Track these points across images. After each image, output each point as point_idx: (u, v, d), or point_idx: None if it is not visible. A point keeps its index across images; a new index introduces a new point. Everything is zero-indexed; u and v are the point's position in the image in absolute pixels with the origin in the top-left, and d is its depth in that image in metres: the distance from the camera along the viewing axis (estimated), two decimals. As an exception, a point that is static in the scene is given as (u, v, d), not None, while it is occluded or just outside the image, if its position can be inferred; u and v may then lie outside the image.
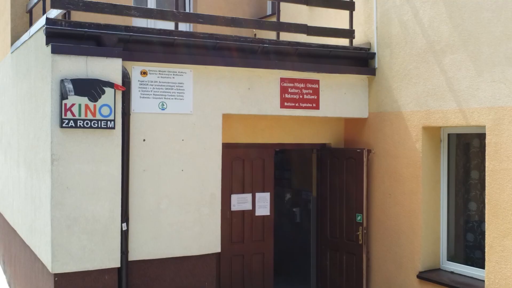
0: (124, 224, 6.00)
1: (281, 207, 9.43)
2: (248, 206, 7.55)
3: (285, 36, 7.93)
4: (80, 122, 5.66)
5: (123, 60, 5.98)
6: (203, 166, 6.54)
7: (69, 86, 5.59)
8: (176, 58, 6.36)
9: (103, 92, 5.75)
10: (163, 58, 6.30)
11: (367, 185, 7.48)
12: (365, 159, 7.43)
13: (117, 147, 5.91)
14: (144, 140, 6.21)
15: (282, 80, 7.03)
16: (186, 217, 6.43)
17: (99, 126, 5.74)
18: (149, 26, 8.01)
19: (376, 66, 7.46)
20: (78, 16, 7.91)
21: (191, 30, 9.54)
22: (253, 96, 6.84)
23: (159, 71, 6.32)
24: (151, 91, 6.27)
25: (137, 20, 9.02)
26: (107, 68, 5.84)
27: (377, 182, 7.43)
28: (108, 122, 5.78)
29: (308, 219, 8.79)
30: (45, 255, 5.96)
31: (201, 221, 6.51)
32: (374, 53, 7.46)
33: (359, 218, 7.48)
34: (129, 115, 6.06)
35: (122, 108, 5.97)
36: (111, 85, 5.80)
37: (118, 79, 5.88)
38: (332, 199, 7.91)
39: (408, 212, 6.95)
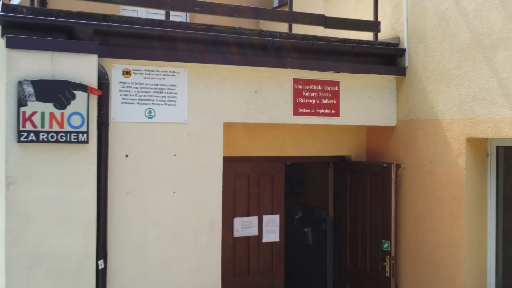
0: (102, 262, 4.81)
1: (291, 226, 8.23)
2: (254, 231, 6.36)
3: (297, 30, 6.75)
4: (43, 136, 4.46)
5: (100, 56, 4.80)
6: (201, 186, 5.36)
7: (29, 89, 4.39)
8: (167, 54, 5.17)
9: (74, 97, 4.55)
10: (150, 54, 5.11)
11: (395, 206, 6.28)
12: (393, 176, 6.24)
13: (92, 165, 4.71)
14: (127, 156, 5.02)
15: (296, 81, 5.84)
16: (179, 250, 5.24)
17: (69, 139, 4.54)
18: (139, 16, 6.80)
19: (407, 64, 6.27)
20: (58, 6, 6.74)
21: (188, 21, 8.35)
22: (260, 101, 5.65)
23: (146, 70, 5.14)
24: (136, 95, 5.09)
25: (126, 10, 7.82)
26: (80, 67, 4.64)
27: (408, 203, 6.23)
28: (80, 134, 4.58)
29: (322, 241, 7.61)
30: (2, 301, 4.76)
31: (198, 253, 5.33)
32: (404, 50, 6.27)
33: (386, 245, 6.28)
34: (108, 126, 4.87)
35: (99, 116, 4.78)
36: (83, 88, 4.60)
37: (93, 81, 4.69)
38: (353, 221, 6.72)
39: (448, 240, 5.75)
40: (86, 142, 4.61)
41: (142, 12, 8.05)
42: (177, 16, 8.34)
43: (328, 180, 7.31)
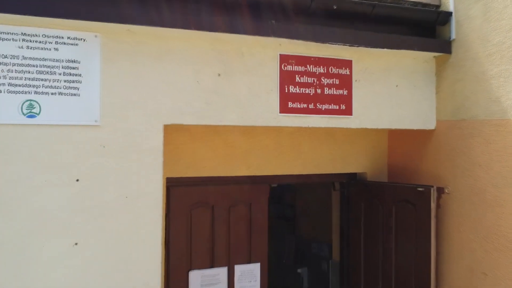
0: None
1: (278, 264, 6.08)
2: (222, 290, 4.21)
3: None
4: None
5: None
6: (125, 232, 3.21)
7: None
8: (61, 8, 3.01)
9: None
10: (32, 6, 2.94)
11: (436, 251, 4.15)
12: (433, 205, 4.11)
13: None
14: (-14, 183, 2.87)
15: (284, 59, 3.70)
16: None
17: None
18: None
19: (453, 36, 4.13)
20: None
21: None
22: (228, 90, 3.50)
23: (24, 34, 2.99)
24: (5, 77, 2.93)
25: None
26: None
27: (457, 249, 4.09)
28: None
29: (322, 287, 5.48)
30: None
31: None
32: (450, 13, 4.13)
33: (422, 311, 4.14)
34: None
35: None
36: None
37: None
38: (369, 268, 4.57)
39: (528, 313, 3.62)
40: None
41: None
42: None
43: (332, 206, 5.16)
